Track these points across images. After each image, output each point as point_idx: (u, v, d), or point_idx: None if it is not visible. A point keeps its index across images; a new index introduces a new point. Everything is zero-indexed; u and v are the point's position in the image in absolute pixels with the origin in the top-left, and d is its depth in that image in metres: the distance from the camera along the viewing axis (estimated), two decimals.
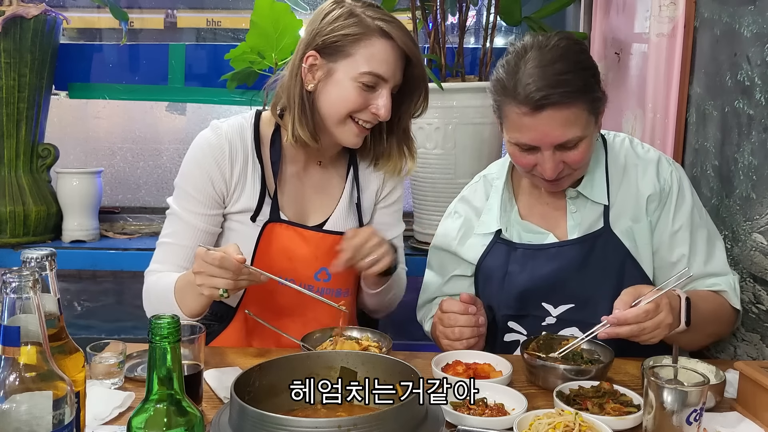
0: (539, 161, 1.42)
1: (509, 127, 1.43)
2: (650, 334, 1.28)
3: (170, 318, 0.80)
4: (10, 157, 2.48)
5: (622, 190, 1.52)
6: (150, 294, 1.53)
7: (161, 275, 1.52)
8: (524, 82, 1.36)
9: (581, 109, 1.38)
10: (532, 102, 1.35)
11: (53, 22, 2.51)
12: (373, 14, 1.45)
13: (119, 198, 2.92)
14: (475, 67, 2.46)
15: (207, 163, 1.51)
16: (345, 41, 1.44)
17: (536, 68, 1.36)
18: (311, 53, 1.46)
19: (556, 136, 1.38)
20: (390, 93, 1.46)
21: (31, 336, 0.79)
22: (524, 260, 1.53)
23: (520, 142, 1.42)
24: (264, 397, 1.00)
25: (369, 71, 1.43)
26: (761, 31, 1.55)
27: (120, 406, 1.15)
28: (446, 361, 1.34)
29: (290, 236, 1.54)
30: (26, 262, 0.90)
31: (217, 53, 2.74)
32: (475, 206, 1.64)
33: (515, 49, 1.43)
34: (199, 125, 2.90)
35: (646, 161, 1.54)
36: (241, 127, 1.56)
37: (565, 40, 1.42)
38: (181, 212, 1.52)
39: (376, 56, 1.44)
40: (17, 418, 0.78)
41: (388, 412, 0.87)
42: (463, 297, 1.45)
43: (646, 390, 1.04)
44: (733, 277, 1.53)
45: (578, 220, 1.52)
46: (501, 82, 1.42)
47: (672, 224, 1.50)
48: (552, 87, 1.34)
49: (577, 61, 1.39)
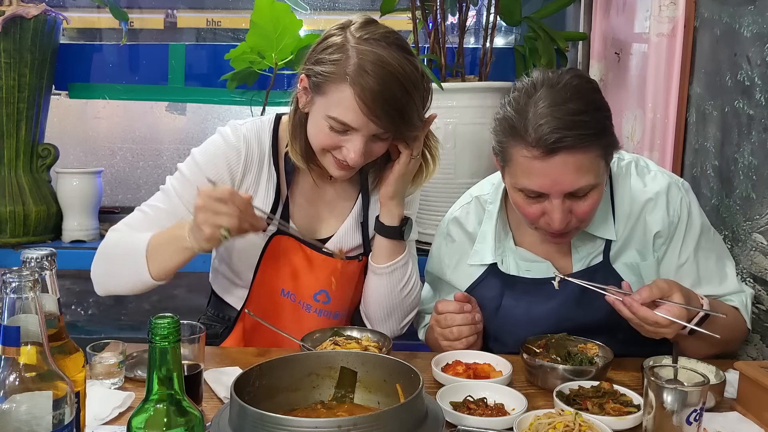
0: (547, 210, 1.33)
1: (516, 172, 1.33)
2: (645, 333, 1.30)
3: (170, 318, 0.80)
4: (10, 157, 2.48)
5: (630, 224, 1.46)
6: (108, 249, 1.45)
7: (125, 234, 1.45)
8: (536, 123, 1.25)
9: (596, 154, 1.29)
10: (545, 145, 1.24)
11: (53, 22, 2.51)
12: (362, 51, 1.31)
13: (119, 198, 2.92)
14: (475, 67, 2.46)
15: (218, 162, 1.46)
16: (322, 78, 1.34)
17: (549, 107, 1.25)
18: (303, 76, 1.40)
19: (568, 183, 1.28)
20: (364, 139, 1.35)
21: (31, 336, 0.79)
22: (520, 295, 1.49)
23: (527, 189, 1.32)
24: (264, 397, 0.99)
25: (334, 117, 1.34)
26: (761, 31, 1.55)
27: (120, 406, 1.15)
28: (446, 361, 1.34)
29: (295, 252, 1.51)
30: (26, 262, 0.90)
31: (217, 53, 2.74)
32: (468, 231, 1.58)
33: (523, 86, 1.32)
34: (199, 125, 2.90)
35: (656, 193, 1.45)
36: (260, 131, 1.50)
37: (577, 78, 1.32)
38: (174, 196, 1.47)
39: (343, 102, 1.32)
40: (17, 418, 0.77)
41: (388, 412, 0.87)
42: (457, 296, 1.45)
43: (646, 390, 1.04)
44: (745, 294, 1.49)
45: (583, 254, 1.48)
46: (509, 121, 1.30)
47: (678, 257, 1.46)
48: (567, 128, 1.24)
49: (591, 101, 1.30)
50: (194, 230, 1.31)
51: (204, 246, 1.32)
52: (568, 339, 1.38)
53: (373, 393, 1.06)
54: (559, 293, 1.44)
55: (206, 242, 1.30)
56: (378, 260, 1.52)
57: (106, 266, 1.46)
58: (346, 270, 1.54)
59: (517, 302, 1.49)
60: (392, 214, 1.50)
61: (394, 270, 1.52)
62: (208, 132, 2.89)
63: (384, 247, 1.51)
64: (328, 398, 1.06)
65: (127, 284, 1.43)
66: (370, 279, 1.55)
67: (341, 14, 2.96)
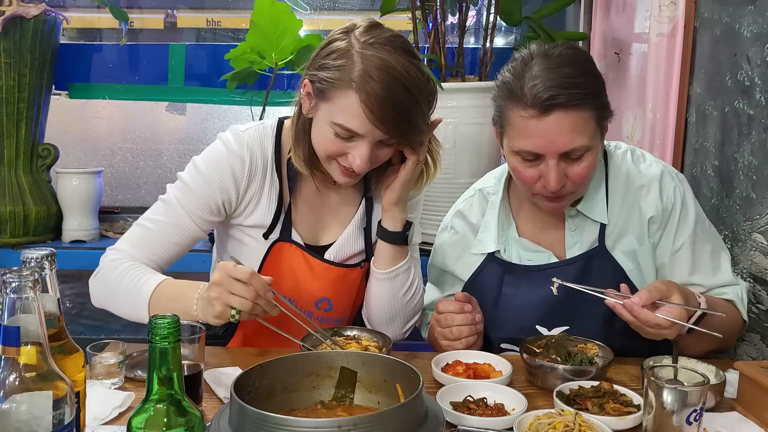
0: (543, 173, 1.36)
1: (513, 134, 1.37)
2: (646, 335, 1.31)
3: (170, 318, 0.80)
4: (10, 157, 2.48)
5: (624, 210, 1.48)
6: (112, 278, 1.41)
7: (133, 266, 1.40)
8: (531, 84, 1.31)
9: (589, 115, 1.33)
10: (540, 103, 1.30)
11: (53, 22, 2.51)
12: (366, 56, 1.29)
13: (119, 198, 2.93)
14: (475, 67, 2.45)
15: (223, 171, 1.42)
16: (326, 84, 1.32)
17: (544, 70, 1.32)
18: (306, 81, 1.37)
19: (564, 143, 1.32)
20: (370, 145, 1.32)
21: (31, 336, 0.79)
22: (519, 282, 1.50)
23: (524, 150, 1.36)
24: (264, 397, 1.00)
25: (339, 123, 1.31)
26: (761, 31, 1.55)
27: (120, 406, 1.15)
28: (446, 361, 1.34)
29: (298, 259, 1.50)
30: (26, 262, 0.90)
31: (217, 53, 2.74)
32: (471, 223, 1.59)
33: (521, 55, 1.38)
34: (199, 125, 2.91)
35: (650, 179, 1.48)
36: (263, 138, 1.46)
37: (571, 48, 1.38)
38: (177, 207, 1.43)
39: (349, 109, 1.30)
40: (17, 418, 0.77)
41: (388, 412, 0.87)
42: (458, 296, 1.45)
43: (646, 390, 1.04)
44: (740, 287, 1.51)
45: (577, 238, 1.49)
46: (507, 84, 1.36)
47: (673, 244, 1.48)
48: (561, 87, 1.30)
49: (585, 68, 1.36)
50: (204, 302, 1.28)
51: (210, 321, 1.28)
52: (568, 339, 1.38)
53: (373, 393, 1.06)
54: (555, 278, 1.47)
55: (214, 318, 1.27)
56: (380, 265, 1.51)
57: (107, 291, 1.43)
58: (348, 277, 1.54)
59: (516, 289, 1.51)
60: (396, 219, 1.48)
61: (396, 275, 1.50)
62: (208, 132, 2.90)
63: (386, 252, 1.50)
64: (328, 398, 1.06)
65: (124, 315, 1.42)
66: (371, 284, 1.53)
67: (341, 14, 2.97)
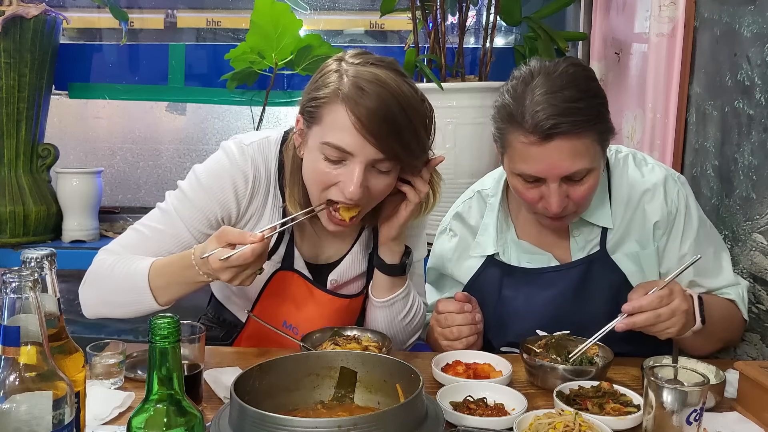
0: (544, 194, 1.35)
1: (514, 158, 1.35)
2: (667, 322, 1.27)
3: (170, 318, 0.80)
4: (10, 157, 2.48)
5: (627, 214, 1.47)
6: (100, 276, 1.36)
7: (120, 258, 1.36)
8: (532, 110, 1.28)
9: (591, 139, 1.31)
10: (541, 131, 1.27)
11: (53, 22, 2.51)
12: (357, 71, 1.24)
13: (119, 198, 2.92)
14: (475, 67, 2.46)
15: (224, 184, 1.37)
16: (316, 103, 1.26)
17: (545, 95, 1.28)
18: (298, 117, 1.33)
19: (565, 168, 1.31)
20: (362, 166, 1.24)
21: (31, 336, 0.79)
22: (519, 285, 1.50)
23: (525, 174, 1.34)
24: (264, 397, 1.00)
25: (328, 142, 1.24)
26: (761, 31, 1.55)
27: (120, 406, 1.15)
28: (446, 361, 1.34)
29: (300, 289, 1.48)
30: (26, 262, 0.90)
31: (217, 53, 2.74)
32: (470, 225, 1.59)
33: (521, 74, 1.35)
34: (199, 125, 2.90)
35: (654, 184, 1.47)
36: (267, 153, 1.41)
37: (573, 66, 1.34)
38: (174, 216, 1.39)
39: (337, 123, 1.23)
40: (17, 418, 0.77)
41: (388, 412, 0.87)
42: (458, 296, 1.45)
43: (646, 390, 1.04)
44: (741, 287, 1.51)
45: (582, 243, 1.49)
46: (507, 108, 1.33)
47: (680, 248, 1.47)
48: (562, 115, 1.27)
49: (587, 89, 1.32)
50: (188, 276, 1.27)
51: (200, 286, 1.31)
52: (568, 339, 1.38)
53: (373, 393, 1.06)
54: (557, 283, 1.46)
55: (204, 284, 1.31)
56: (378, 294, 1.49)
57: (98, 293, 1.38)
58: (350, 307, 1.53)
59: (516, 292, 1.50)
60: (393, 252, 1.45)
61: (394, 302, 1.49)
62: (208, 132, 2.90)
63: (384, 282, 1.48)
64: (328, 398, 1.06)
65: (127, 312, 1.37)
66: (370, 310, 1.52)
67: (341, 14, 2.97)
